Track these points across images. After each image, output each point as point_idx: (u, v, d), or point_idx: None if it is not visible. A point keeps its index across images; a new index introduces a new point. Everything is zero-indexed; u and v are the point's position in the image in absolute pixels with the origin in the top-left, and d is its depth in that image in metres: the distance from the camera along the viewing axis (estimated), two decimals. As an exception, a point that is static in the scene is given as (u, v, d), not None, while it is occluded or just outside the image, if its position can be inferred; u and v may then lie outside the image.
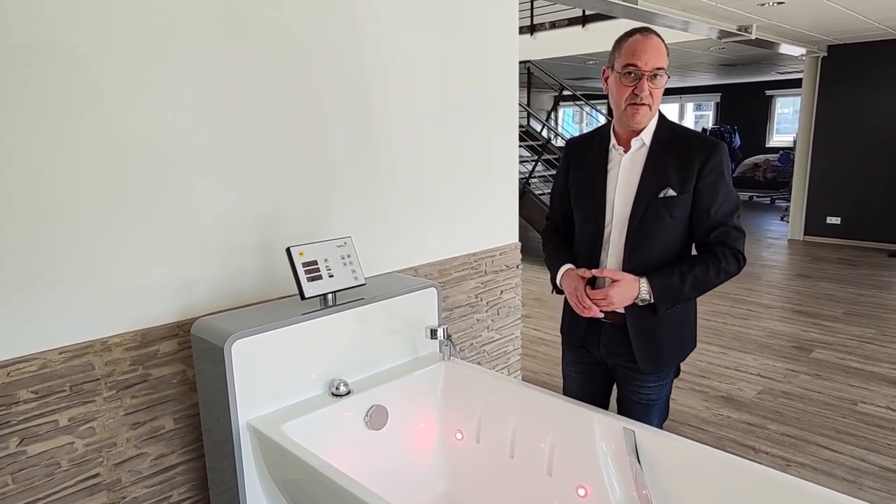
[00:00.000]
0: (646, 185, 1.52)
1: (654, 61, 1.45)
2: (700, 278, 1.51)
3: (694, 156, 1.50)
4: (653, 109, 1.52)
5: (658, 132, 1.55)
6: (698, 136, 1.56)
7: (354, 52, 2.15)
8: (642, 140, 1.55)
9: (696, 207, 1.52)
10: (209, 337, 1.63)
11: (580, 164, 1.67)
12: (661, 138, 1.54)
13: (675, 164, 1.51)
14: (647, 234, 1.53)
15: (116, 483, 1.73)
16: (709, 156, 1.49)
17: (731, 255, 1.52)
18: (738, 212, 1.56)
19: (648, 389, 1.69)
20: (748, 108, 11.91)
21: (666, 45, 1.49)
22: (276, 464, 1.59)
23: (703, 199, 1.51)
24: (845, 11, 5.00)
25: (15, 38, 1.45)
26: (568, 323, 1.77)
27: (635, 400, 1.71)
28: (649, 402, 1.70)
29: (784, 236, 7.71)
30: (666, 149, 1.53)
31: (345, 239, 1.91)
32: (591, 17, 6.89)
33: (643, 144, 1.55)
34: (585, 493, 1.65)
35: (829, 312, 4.67)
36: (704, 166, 1.49)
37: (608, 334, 1.66)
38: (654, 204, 1.51)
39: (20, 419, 1.54)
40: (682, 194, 1.50)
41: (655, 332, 1.59)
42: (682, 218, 1.53)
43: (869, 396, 3.23)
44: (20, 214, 1.49)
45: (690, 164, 1.50)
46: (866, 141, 6.92)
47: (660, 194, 1.51)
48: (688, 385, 3.41)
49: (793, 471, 2.55)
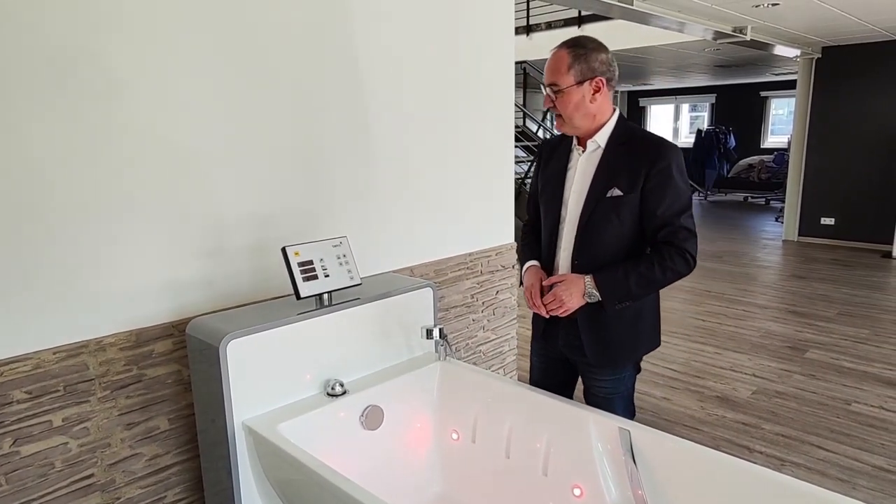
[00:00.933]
0: (596, 185, 1.58)
1: (548, 77, 1.55)
2: (645, 275, 1.54)
3: (643, 158, 1.54)
4: (565, 118, 1.57)
5: (614, 134, 1.59)
6: (651, 139, 1.59)
7: (350, 53, 2.14)
8: (597, 142, 1.60)
9: (644, 208, 1.55)
10: (204, 337, 1.63)
11: (548, 164, 1.74)
12: (616, 140, 1.59)
13: (626, 165, 1.55)
14: (594, 233, 1.58)
15: (111, 484, 1.72)
16: (657, 158, 1.53)
17: (678, 253, 1.55)
18: (688, 212, 1.58)
19: (605, 383, 1.73)
20: (743, 109, 11.95)
21: (571, 56, 1.51)
22: (272, 464, 1.59)
23: (651, 199, 1.54)
24: (839, 13, 5.03)
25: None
26: (534, 314, 1.81)
27: (594, 393, 1.77)
28: (608, 395, 1.74)
29: (778, 237, 7.74)
30: (619, 151, 1.58)
31: (340, 239, 1.90)
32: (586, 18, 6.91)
33: (598, 146, 1.60)
34: (581, 492, 1.65)
35: (823, 313, 4.69)
36: (652, 168, 1.53)
37: (565, 328, 1.72)
38: (601, 203, 1.56)
39: (13, 419, 1.53)
40: (628, 194, 1.54)
41: (606, 328, 1.63)
42: (628, 218, 1.56)
43: (862, 396, 3.25)
44: (14, 214, 1.48)
45: (639, 166, 1.53)
46: (860, 142, 6.96)
47: (607, 194, 1.55)
48: (683, 385, 3.42)
49: (787, 470, 2.56)
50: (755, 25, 5.34)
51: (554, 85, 1.55)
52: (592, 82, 1.54)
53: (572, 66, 1.53)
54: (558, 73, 1.54)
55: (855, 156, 7.01)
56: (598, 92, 1.56)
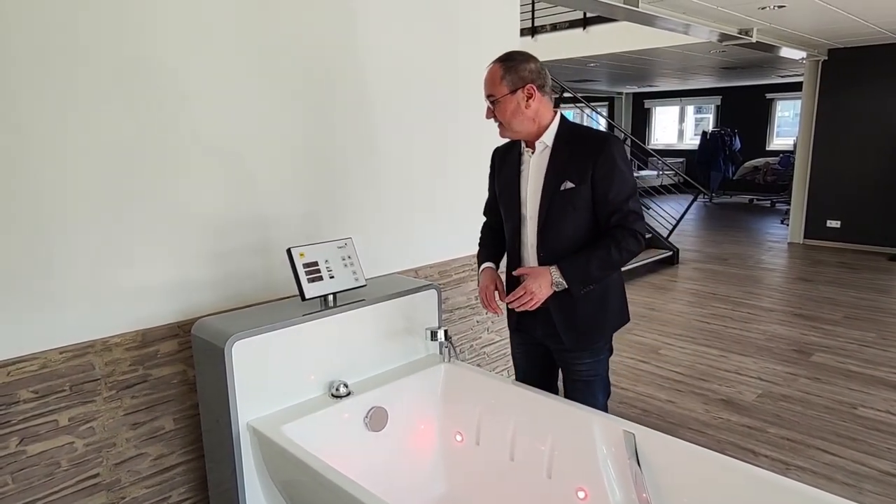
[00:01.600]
0: (549, 181, 1.70)
1: (486, 89, 1.70)
2: (604, 258, 1.66)
3: (589, 150, 1.67)
4: (505, 125, 1.70)
5: (559, 134, 1.72)
6: (592, 133, 1.74)
7: (356, 56, 2.15)
8: (545, 142, 1.73)
9: (595, 196, 1.68)
10: (209, 337, 1.63)
11: (501, 169, 1.86)
12: (561, 139, 1.72)
13: (574, 159, 1.68)
14: (554, 226, 1.70)
15: (116, 483, 1.73)
16: (601, 148, 1.66)
17: (630, 234, 1.67)
18: (634, 196, 1.70)
19: (585, 366, 1.83)
20: (748, 111, 11.91)
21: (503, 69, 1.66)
22: (276, 465, 1.59)
23: (600, 187, 1.66)
24: (846, 15, 5.01)
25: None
26: (508, 308, 1.87)
27: (575, 378, 1.86)
28: (588, 378, 1.84)
29: (784, 239, 7.71)
30: (565, 148, 1.71)
31: (345, 240, 1.91)
32: (592, 20, 6.90)
33: (546, 146, 1.73)
34: (585, 495, 1.65)
35: (829, 316, 4.67)
36: (598, 158, 1.66)
37: (540, 317, 1.81)
38: (556, 196, 1.69)
39: (20, 419, 1.54)
40: (580, 186, 1.67)
41: (574, 311, 1.75)
42: (583, 208, 1.69)
43: (869, 400, 3.23)
44: (22, 216, 1.49)
45: (586, 158, 1.67)
46: (867, 144, 6.92)
47: (561, 187, 1.68)
48: (687, 388, 3.41)
49: (792, 474, 2.55)
50: (761, 27, 5.32)
51: (491, 96, 1.69)
52: (524, 90, 1.67)
53: (504, 77, 1.66)
54: (493, 84, 1.68)
55: (861, 158, 6.97)
56: (532, 98, 1.68)
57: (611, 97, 13.48)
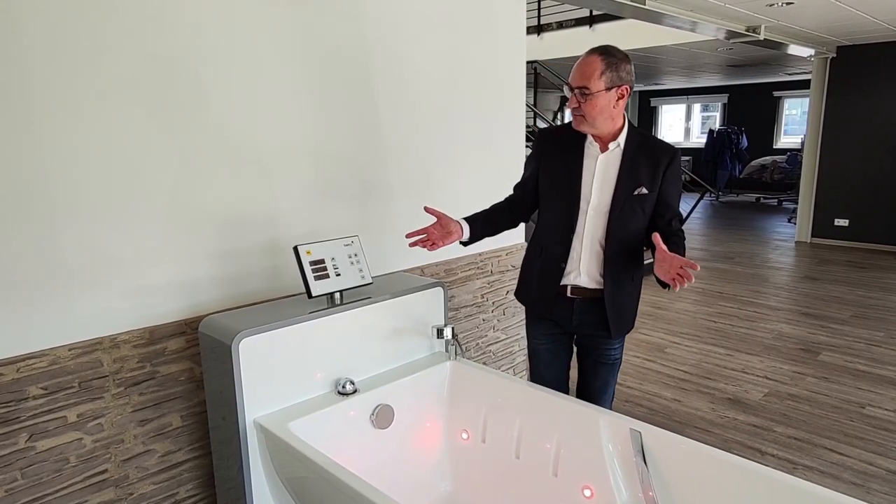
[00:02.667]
0: (624, 183, 1.77)
1: (579, 80, 1.68)
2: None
3: (661, 160, 1.78)
4: (588, 119, 1.72)
5: (629, 138, 1.80)
6: (662, 144, 1.84)
7: (364, 54, 2.15)
8: (618, 143, 1.79)
9: (661, 202, 1.79)
10: (217, 335, 1.64)
11: (553, 154, 1.87)
12: (632, 143, 1.79)
13: (646, 166, 1.77)
14: (623, 224, 1.79)
15: (124, 479, 1.74)
16: (671, 159, 1.78)
17: (683, 235, 1.82)
18: None
19: (614, 350, 1.95)
20: (756, 109, 11.84)
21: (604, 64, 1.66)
22: (283, 461, 1.60)
23: (668, 194, 1.80)
24: (855, 12, 4.97)
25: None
26: (536, 297, 1.94)
27: (603, 362, 1.95)
28: (615, 361, 1.97)
29: (791, 238, 7.67)
30: (637, 153, 1.78)
31: (352, 238, 1.91)
32: (598, 18, 6.88)
33: (619, 147, 1.79)
34: (591, 493, 1.64)
35: (837, 315, 4.64)
36: (668, 168, 1.78)
37: (580, 308, 1.87)
38: (629, 200, 1.77)
39: (29, 415, 1.55)
40: (651, 192, 1.78)
41: (624, 303, 1.86)
42: (648, 211, 1.80)
43: (877, 400, 3.21)
44: (32, 214, 1.50)
45: (657, 167, 1.77)
46: (875, 143, 6.87)
47: (635, 192, 1.77)
48: (693, 387, 3.40)
49: (799, 474, 2.54)
50: (769, 25, 5.29)
51: (585, 88, 1.68)
52: (619, 89, 1.70)
53: (604, 73, 1.67)
54: (590, 77, 1.67)
55: (870, 156, 6.92)
56: (622, 99, 1.72)
57: (617, 95, 13.41)
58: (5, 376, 1.50)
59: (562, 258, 1.83)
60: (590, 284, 1.83)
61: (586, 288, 1.84)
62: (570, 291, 1.86)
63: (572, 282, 1.84)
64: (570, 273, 1.84)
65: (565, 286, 1.86)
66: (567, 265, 1.83)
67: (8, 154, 1.45)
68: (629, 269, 1.83)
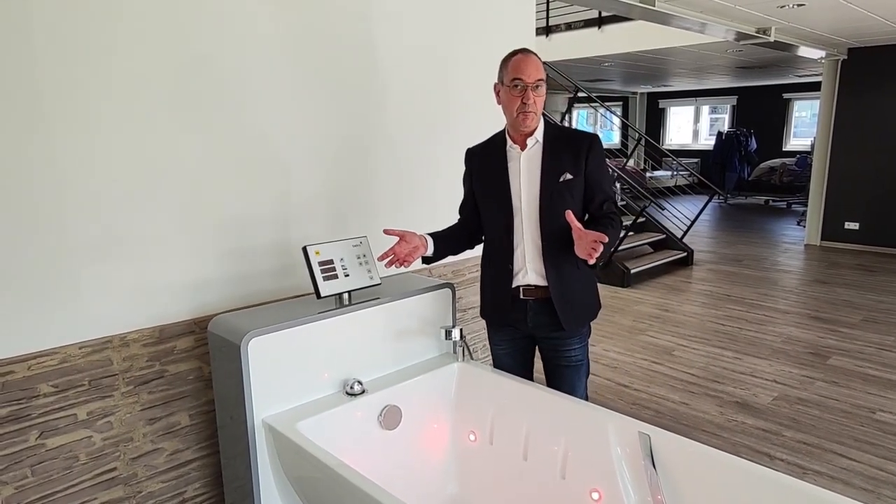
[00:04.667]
0: (548, 173, 1.82)
1: (533, 75, 1.74)
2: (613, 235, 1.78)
3: (580, 146, 1.83)
4: (539, 114, 1.80)
5: (546, 132, 1.85)
6: (579, 132, 1.90)
7: (375, 58, 2.15)
8: (536, 139, 1.84)
9: (588, 186, 1.84)
10: (225, 334, 1.64)
11: (484, 165, 1.92)
12: (550, 136, 1.85)
13: (567, 154, 1.82)
14: (555, 212, 1.80)
15: (133, 477, 1.75)
16: (591, 144, 1.83)
17: (618, 217, 1.86)
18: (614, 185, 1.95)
19: (574, 351, 1.93)
20: (765, 111, 11.77)
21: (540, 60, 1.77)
22: (290, 461, 1.60)
23: (594, 178, 1.84)
24: (866, 13, 4.93)
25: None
26: (492, 306, 1.95)
27: (564, 364, 1.94)
28: (577, 363, 1.95)
29: (800, 241, 7.61)
30: (556, 144, 1.84)
31: (360, 238, 1.91)
32: (606, 19, 6.86)
33: (537, 142, 1.84)
34: (599, 496, 1.64)
35: (847, 319, 4.60)
36: (589, 153, 1.83)
37: (533, 309, 1.88)
38: (557, 188, 1.81)
39: (40, 412, 1.56)
40: (576, 177, 1.82)
41: (573, 296, 1.88)
42: (578, 197, 1.84)
43: (888, 405, 3.18)
44: (43, 214, 1.51)
45: (578, 153, 1.82)
46: (886, 145, 6.81)
47: (560, 179, 1.81)
48: (701, 390, 3.38)
49: (809, 479, 2.52)
50: (779, 26, 5.26)
51: (542, 80, 1.76)
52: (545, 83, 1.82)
53: (543, 68, 1.78)
54: (542, 70, 1.76)
55: (881, 159, 6.86)
56: None
57: (625, 97, 13.40)
58: (17, 374, 1.51)
59: (507, 260, 1.87)
60: (539, 282, 1.85)
61: (537, 287, 1.86)
62: (522, 293, 1.87)
63: (522, 282, 1.86)
64: (518, 273, 1.86)
65: (517, 288, 1.87)
66: (514, 265, 1.86)
67: (20, 154, 1.46)
68: (571, 256, 1.78)
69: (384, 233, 1.79)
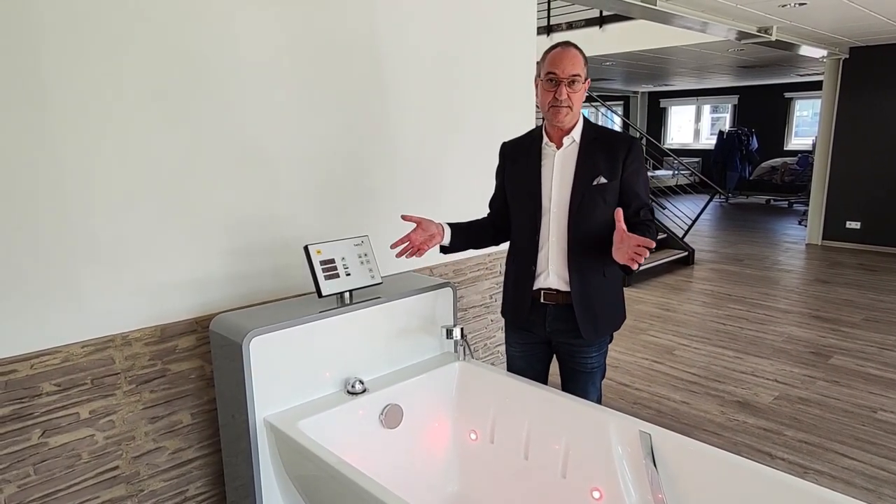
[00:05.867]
0: (581, 175, 1.77)
1: (572, 69, 1.69)
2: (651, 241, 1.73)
3: (618, 149, 1.77)
4: (573, 110, 1.74)
5: (584, 132, 1.80)
6: (619, 134, 1.84)
7: (374, 56, 2.16)
8: (573, 138, 1.79)
9: (624, 191, 1.78)
10: (227, 333, 1.65)
11: (517, 161, 1.88)
12: (587, 137, 1.80)
13: (603, 157, 1.77)
14: (585, 216, 1.77)
15: (135, 476, 1.75)
16: (630, 148, 1.77)
17: (654, 225, 1.82)
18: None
19: (591, 359, 1.89)
20: (766, 110, 11.76)
21: (584, 56, 1.72)
22: (292, 460, 1.61)
23: (630, 184, 1.78)
24: (868, 13, 4.93)
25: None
26: (512, 307, 1.92)
27: (580, 370, 1.91)
28: (593, 369, 1.91)
29: (802, 240, 7.60)
30: (593, 145, 1.78)
31: (362, 238, 1.91)
32: (608, 18, 6.86)
33: (574, 142, 1.79)
34: (600, 495, 1.64)
35: (848, 318, 4.60)
36: (627, 157, 1.77)
37: (552, 314, 1.84)
38: (589, 191, 1.76)
39: (43, 411, 1.57)
40: (611, 181, 1.76)
41: (594, 305, 1.82)
42: (611, 202, 1.78)
43: (889, 404, 3.18)
44: (45, 213, 1.52)
45: (616, 157, 1.76)
46: (888, 144, 6.81)
47: (593, 182, 1.75)
48: (702, 389, 3.38)
49: (810, 478, 2.52)
50: (781, 25, 5.26)
51: (578, 76, 1.71)
52: (588, 81, 1.77)
53: (585, 64, 1.72)
54: (579, 66, 1.71)
55: (882, 159, 6.86)
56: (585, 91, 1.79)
57: (626, 96, 13.39)
58: (19, 373, 1.51)
59: (531, 260, 1.82)
60: (561, 286, 1.80)
61: (558, 291, 1.80)
62: (542, 297, 1.82)
63: (543, 284, 1.82)
64: (540, 275, 1.82)
65: (538, 291, 1.82)
66: (537, 266, 1.82)
67: (23, 152, 1.46)
68: (597, 263, 1.77)
69: (402, 218, 1.74)
